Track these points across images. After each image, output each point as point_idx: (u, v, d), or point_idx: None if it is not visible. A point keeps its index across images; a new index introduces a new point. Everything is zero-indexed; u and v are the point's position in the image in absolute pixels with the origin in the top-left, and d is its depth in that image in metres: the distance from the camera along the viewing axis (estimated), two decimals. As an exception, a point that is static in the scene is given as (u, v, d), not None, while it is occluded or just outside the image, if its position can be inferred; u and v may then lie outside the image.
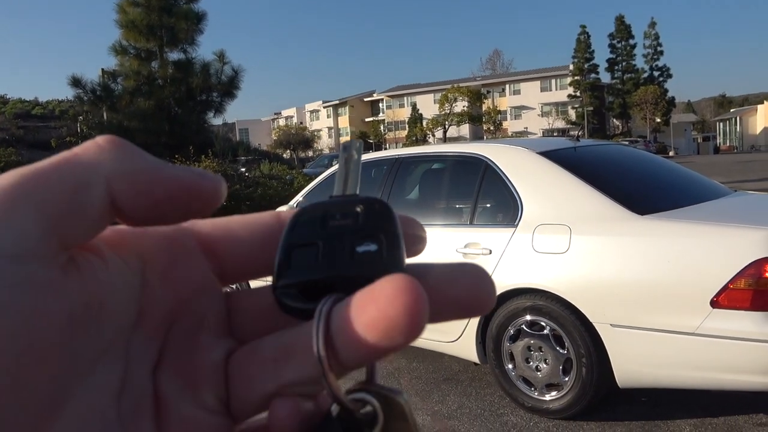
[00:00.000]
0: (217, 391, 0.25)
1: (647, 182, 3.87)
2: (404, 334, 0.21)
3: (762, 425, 3.12)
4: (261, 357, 0.25)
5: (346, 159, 0.28)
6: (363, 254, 0.24)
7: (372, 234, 0.24)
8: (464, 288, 0.24)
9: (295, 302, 0.24)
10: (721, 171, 24.74)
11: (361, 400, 0.24)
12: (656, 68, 70.52)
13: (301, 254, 0.25)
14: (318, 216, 0.25)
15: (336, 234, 0.25)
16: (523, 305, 3.37)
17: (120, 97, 13.59)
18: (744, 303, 2.71)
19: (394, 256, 0.24)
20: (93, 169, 0.22)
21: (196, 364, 0.25)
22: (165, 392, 0.24)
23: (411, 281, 0.21)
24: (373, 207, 0.25)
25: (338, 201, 0.26)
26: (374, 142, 72.99)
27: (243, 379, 0.25)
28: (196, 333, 0.26)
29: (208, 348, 0.26)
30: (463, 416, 3.47)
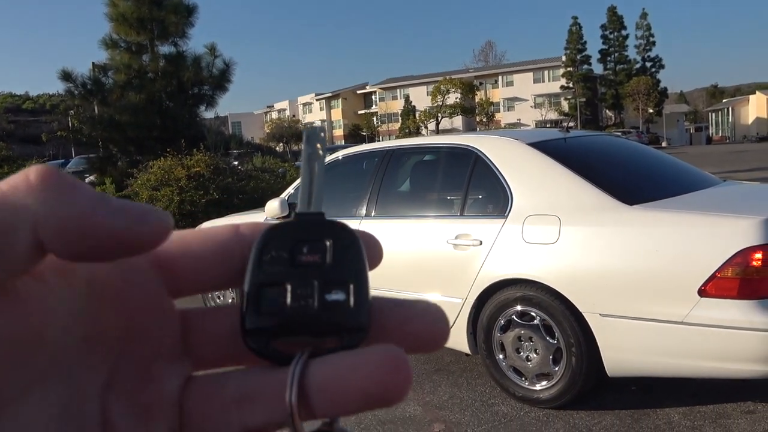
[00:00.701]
0: (170, 423, 0.25)
1: (636, 172, 3.89)
2: (390, 401, 0.23)
3: (750, 412, 3.15)
4: (223, 397, 0.25)
5: (310, 156, 0.27)
6: (331, 303, 0.25)
7: (341, 281, 0.25)
8: (423, 326, 0.25)
9: (264, 348, 0.25)
10: (713, 161, 24.85)
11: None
12: (648, 59, 70.60)
13: (269, 295, 0.25)
14: (286, 248, 0.26)
15: (304, 274, 0.25)
16: (513, 296, 3.39)
17: (111, 91, 13.50)
18: (731, 292, 2.73)
19: (361, 306, 0.25)
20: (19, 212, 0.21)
21: (149, 394, 0.25)
22: (115, 420, 0.24)
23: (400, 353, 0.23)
24: (341, 242, 0.26)
25: (305, 225, 0.26)
26: (367, 135, 72.86)
27: (201, 415, 0.25)
28: (149, 359, 0.25)
29: (162, 376, 0.25)
30: (455, 406, 3.49)
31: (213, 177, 11.07)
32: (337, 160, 4.67)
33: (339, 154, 4.69)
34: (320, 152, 0.27)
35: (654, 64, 70.38)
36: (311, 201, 0.27)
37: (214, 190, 10.84)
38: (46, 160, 21.76)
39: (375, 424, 3.33)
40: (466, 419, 3.32)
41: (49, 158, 28.96)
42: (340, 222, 0.26)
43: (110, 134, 13.26)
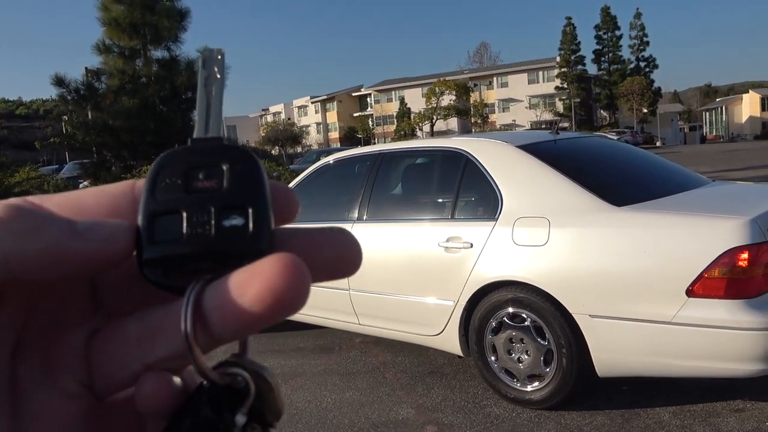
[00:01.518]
0: (78, 375, 0.25)
1: (625, 174, 3.91)
2: (288, 310, 0.22)
3: (739, 411, 3.17)
4: (124, 336, 0.25)
5: (206, 80, 0.26)
6: (229, 228, 0.24)
7: (238, 205, 0.24)
8: (332, 250, 0.25)
9: (162, 278, 0.24)
10: (706, 160, 24.94)
11: (232, 374, 0.25)
12: (642, 59, 70.84)
13: (164, 224, 0.24)
14: (180, 174, 0.25)
15: (201, 201, 0.24)
16: (504, 298, 3.41)
17: (104, 96, 13.48)
18: (718, 291, 2.76)
19: (261, 230, 0.24)
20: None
21: (55, 349, 0.25)
22: (23, 378, 0.24)
23: (294, 259, 0.22)
24: (239, 166, 0.25)
25: (200, 149, 0.25)
26: (363, 137, 72.86)
27: (106, 360, 0.25)
28: (56, 315, 0.25)
29: (69, 331, 0.25)
30: (447, 408, 3.50)
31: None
32: (328, 164, 4.68)
33: (330, 158, 4.71)
34: (218, 75, 0.26)
35: (648, 64, 70.62)
36: (208, 126, 0.26)
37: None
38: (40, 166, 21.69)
39: (368, 427, 3.34)
40: (459, 421, 3.33)
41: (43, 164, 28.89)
42: (237, 145, 0.26)
43: (104, 139, 13.24)
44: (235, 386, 0.24)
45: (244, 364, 0.25)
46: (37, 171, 16.02)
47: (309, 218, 4.49)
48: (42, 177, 14.60)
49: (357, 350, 4.63)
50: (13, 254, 0.22)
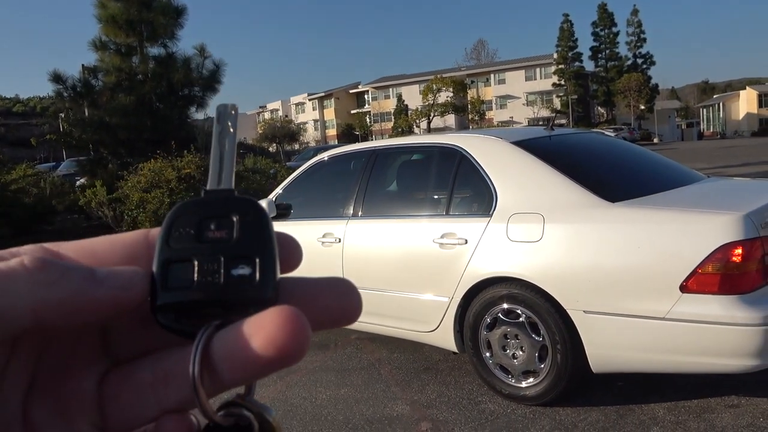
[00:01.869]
0: (91, 418, 0.26)
1: (620, 170, 3.91)
2: (290, 359, 0.23)
3: (733, 406, 3.18)
4: (138, 381, 0.26)
5: (220, 134, 0.28)
6: (237, 278, 0.25)
7: (246, 255, 0.25)
8: (332, 300, 0.26)
9: (173, 323, 0.25)
10: (704, 157, 24.96)
11: (236, 414, 0.26)
12: (640, 55, 70.83)
13: (177, 271, 0.25)
14: (193, 224, 0.26)
15: (211, 250, 0.25)
16: (499, 294, 3.41)
17: (101, 93, 13.43)
18: (712, 287, 2.76)
19: (267, 282, 0.25)
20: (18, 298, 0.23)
21: (67, 391, 0.26)
22: (36, 420, 0.25)
23: (296, 314, 0.23)
24: (248, 217, 0.26)
25: (212, 202, 0.27)
26: (360, 134, 72.79)
27: (120, 404, 0.26)
28: (67, 358, 0.26)
29: (81, 374, 0.26)
30: (442, 405, 3.50)
31: (204, 178, 11.04)
32: (323, 160, 4.67)
33: (325, 155, 4.70)
34: (231, 130, 0.28)
35: (645, 60, 70.62)
36: (221, 178, 0.27)
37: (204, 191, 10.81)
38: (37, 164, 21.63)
39: (363, 424, 3.34)
40: (453, 417, 3.33)
41: (40, 161, 28.80)
42: (248, 198, 0.27)
43: (101, 136, 13.20)
44: (240, 425, 0.26)
45: (247, 405, 0.26)
46: (34, 168, 15.98)
47: (304, 215, 4.49)
48: (39, 174, 14.56)
49: (352, 347, 4.63)
50: (39, 304, 0.23)
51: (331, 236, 4.17)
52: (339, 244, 4.12)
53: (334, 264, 4.10)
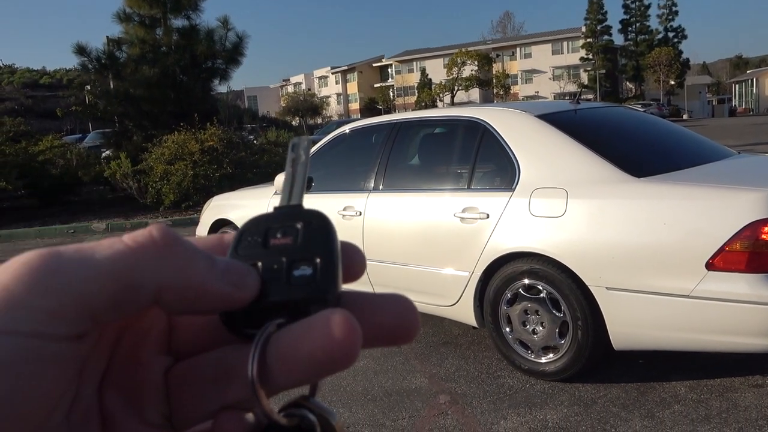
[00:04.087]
0: (159, 407, 0.27)
1: (647, 145, 3.82)
2: (339, 364, 0.23)
3: (757, 386, 3.13)
4: (201, 376, 0.26)
5: (293, 161, 0.30)
6: (299, 278, 0.26)
7: (308, 257, 0.26)
8: (390, 316, 0.26)
9: (238, 324, 0.26)
10: (734, 133, 24.38)
11: (298, 415, 0.26)
12: (671, 29, 68.99)
13: None
14: (260, 233, 0.27)
15: (275, 255, 0.26)
16: (520, 269, 3.38)
17: (125, 65, 13.47)
18: (739, 265, 2.70)
19: (328, 281, 0.25)
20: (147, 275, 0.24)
21: (138, 380, 0.27)
22: (110, 408, 0.26)
23: (346, 316, 0.24)
24: (312, 225, 0.27)
25: (281, 215, 0.28)
26: (383, 108, 72.42)
27: (185, 397, 0.27)
28: (139, 350, 0.27)
29: (150, 365, 0.27)
30: (461, 378, 3.51)
31: (226, 151, 11.10)
32: (344, 133, 4.65)
33: (347, 128, 4.67)
34: (303, 158, 0.29)
35: (676, 34, 68.79)
36: (291, 198, 0.29)
37: (227, 164, 10.88)
38: (63, 135, 21.92)
39: (381, 395, 3.37)
40: (472, 391, 3.34)
41: (66, 133, 29.17)
42: (314, 209, 0.28)
43: (125, 108, 13.28)
44: (302, 427, 0.26)
45: (310, 407, 0.26)
46: (61, 140, 16.20)
47: (325, 188, 4.48)
48: (65, 146, 14.75)
49: (372, 320, 4.65)
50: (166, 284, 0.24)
51: (352, 209, 4.16)
52: (360, 218, 4.11)
53: (355, 237, 4.09)
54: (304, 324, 0.24)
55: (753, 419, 2.82)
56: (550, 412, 3.03)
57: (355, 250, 0.28)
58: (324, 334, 0.23)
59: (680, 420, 2.86)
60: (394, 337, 0.26)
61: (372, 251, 4.02)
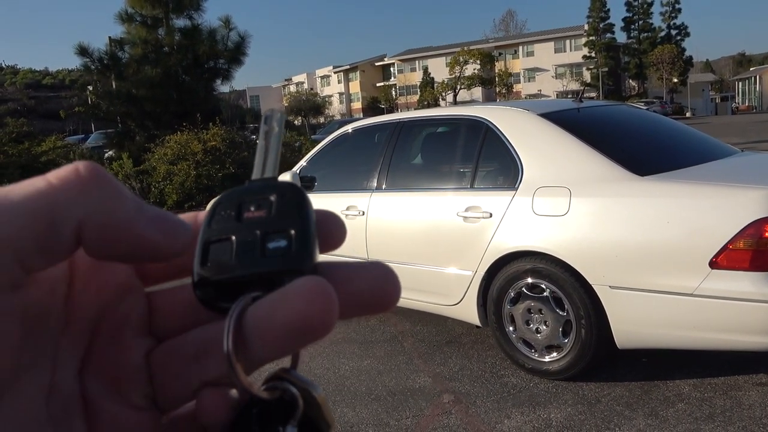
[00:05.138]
0: (143, 389, 0.26)
1: (650, 143, 3.81)
2: (316, 332, 0.23)
3: (761, 385, 3.13)
4: (183, 354, 0.26)
5: (266, 133, 0.29)
6: (273, 250, 0.25)
7: (283, 228, 0.26)
8: (367, 283, 0.25)
9: (213, 299, 0.26)
10: (738, 131, 24.32)
11: (280, 388, 0.26)
12: (674, 27, 68.77)
13: (216, 250, 0.26)
14: (234, 207, 0.27)
15: (249, 228, 0.26)
16: (523, 268, 3.37)
17: (127, 66, 13.51)
18: (743, 263, 2.69)
19: (303, 252, 0.25)
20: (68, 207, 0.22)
21: (119, 364, 0.26)
22: (92, 392, 0.25)
23: (322, 283, 0.23)
24: (286, 196, 0.27)
25: (254, 188, 0.27)
26: (386, 107, 72.39)
27: (168, 377, 0.26)
28: (119, 333, 0.27)
29: (131, 348, 0.26)
30: (465, 378, 3.51)
31: (229, 151, 11.12)
32: (347, 132, 4.65)
33: (349, 127, 4.67)
34: (276, 129, 0.29)
35: (679, 32, 68.56)
36: (264, 170, 0.28)
37: (230, 164, 10.89)
38: (66, 136, 21.96)
39: (385, 395, 3.37)
40: (476, 390, 3.34)
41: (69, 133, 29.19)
42: (288, 182, 0.27)
43: (127, 109, 13.32)
44: (284, 399, 0.26)
45: (291, 379, 0.26)
46: (64, 140, 16.23)
47: (328, 187, 4.49)
48: (68, 146, 14.78)
49: (375, 319, 4.65)
50: (87, 218, 0.23)
51: (355, 209, 4.17)
52: (363, 217, 4.11)
53: (358, 237, 4.10)
54: (279, 293, 0.23)
55: (757, 417, 2.81)
56: (554, 411, 3.03)
57: (333, 218, 0.27)
58: (298, 301, 0.23)
59: (684, 418, 2.86)
60: (372, 305, 0.25)
61: (375, 250, 4.02)
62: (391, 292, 0.25)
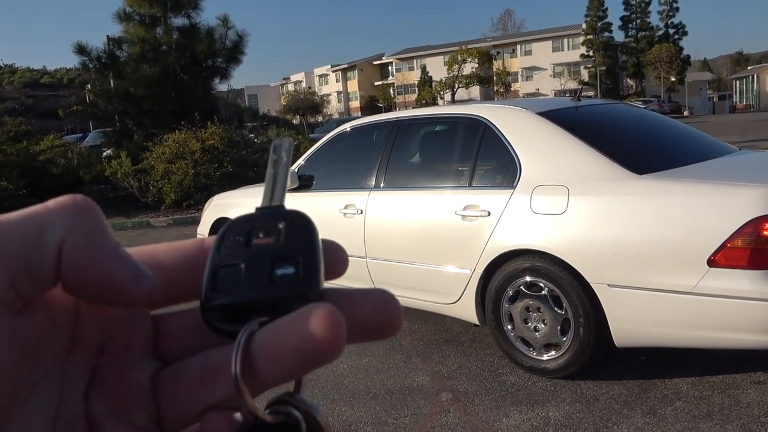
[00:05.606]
0: (148, 411, 0.26)
1: (648, 141, 3.82)
2: (325, 358, 0.23)
3: (760, 383, 3.13)
4: (188, 377, 0.26)
5: (275, 162, 0.30)
6: (281, 276, 0.26)
7: (290, 256, 0.26)
8: (372, 309, 0.26)
9: (221, 323, 0.26)
10: (736, 130, 24.34)
11: (284, 412, 0.26)
12: (671, 25, 68.85)
13: (225, 275, 0.26)
14: (243, 233, 0.27)
15: (258, 254, 0.26)
16: (521, 266, 3.38)
17: (125, 64, 13.47)
18: (741, 262, 2.70)
19: (310, 279, 0.26)
20: (54, 225, 0.23)
21: (124, 386, 0.26)
22: (97, 413, 0.26)
23: (331, 310, 0.23)
24: (294, 224, 0.27)
25: (263, 215, 0.28)
26: (384, 106, 72.35)
27: (172, 399, 0.26)
28: (124, 356, 0.27)
29: (136, 370, 0.27)
30: (463, 376, 3.51)
31: (227, 150, 11.10)
32: (345, 131, 4.64)
33: (348, 126, 4.67)
34: (284, 158, 0.30)
35: (677, 30, 68.64)
36: (273, 198, 0.29)
37: (228, 162, 10.88)
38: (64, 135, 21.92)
39: (383, 393, 3.37)
40: (474, 389, 3.34)
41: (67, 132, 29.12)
42: (296, 210, 0.28)
43: (125, 107, 13.28)
44: (287, 423, 0.26)
45: (295, 403, 0.26)
46: (62, 139, 16.20)
47: (326, 186, 4.48)
48: (66, 145, 14.76)
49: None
50: (67, 239, 0.24)
51: (353, 207, 4.16)
52: (361, 216, 4.11)
53: (356, 235, 4.09)
54: (288, 319, 0.24)
55: (755, 416, 2.82)
56: (552, 410, 3.03)
57: (337, 248, 0.28)
58: (308, 327, 0.23)
59: (682, 417, 2.86)
60: (376, 330, 0.26)
61: (373, 249, 4.02)
62: (394, 316, 0.26)
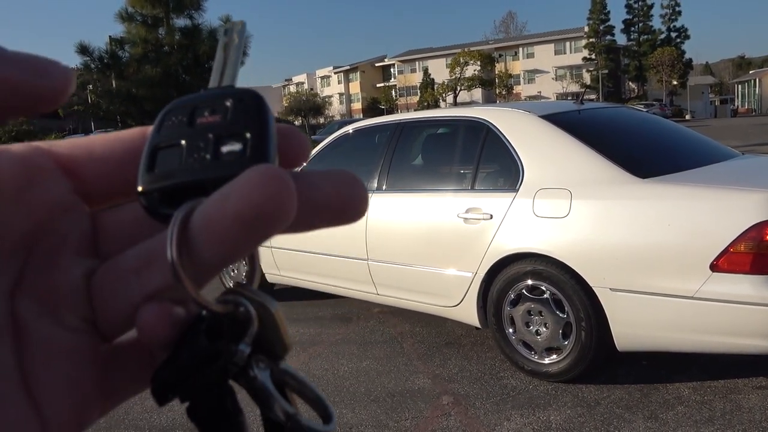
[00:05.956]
0: (80, 311, 0.24)
1: (651, 145, 3.82)
2: (271, 220, 0.20)
3: (761, 388, 3.12)
4: (122, 269, 0.24)
5: (225, 45, 0.27)
6: (227, 154, 0.23)
7: (238, 132, 0.23)
8: (333, 189, 0.23)
9: (159, 206, 0.23)
10: (738, 134, 24.34)
11: (233, 302, 0.24)
12: (674, 29, 68.85)
13: (165, 156, 0.24)
14: (186, 113, 0.25)
15: (202, 132, 0.24)
16: (523, 270, 3.37)
17: (128, 65, 13.51)
18: (744, 266, 2.69)
19: (260, 156, 0.23)
20: None
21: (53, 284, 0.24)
22: (24, 315, 0.24)
23: (272, 168, 0.21)
24: (244, 101, 0.24)
25: (210, 95, 0.25)
26: (386, 108, 72.40)
27: (106, 295, 0.24)
28: (55, 254, 0.25)
29: (67, 268, 0.25)
30: (464, 379, 3.50)
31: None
32: (347, 133, 4.64)
33: (350, 128, 4.67)
34: (236, 40, 0.27)
35: (679, 34, 68.64)
36: (222, 79, 0.26)
37: (230, 163, 10.90)
38: (65, 135, 21.97)
39: (384, 396, 3.36)
40: (475, 392, 3.33)
41: (69, 132, 29.20)
42: (246, 88, 0.25)
43: (127, 108, 13.32)
44: (237, 316, 0.23)
45: (246, 293, 0.24)
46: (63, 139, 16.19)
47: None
48: (68, 145, 14.76)
49: (375, 320, 4.65)
50: None
51: (355, 209, 4.15)
52: (363, 218, 4.10)
53: (358, 237, 4.09)
54: (227, 185, 0.21)
55: (757, 421, 2.81)
56: (554, 414, 3.02)
57: (294, 132, 0.25)
58: (248, 187, 0.20)
59: (684, 421, 2.86)
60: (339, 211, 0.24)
61: (375, 251, 4.02)
62: (357, 197, 0.24)
